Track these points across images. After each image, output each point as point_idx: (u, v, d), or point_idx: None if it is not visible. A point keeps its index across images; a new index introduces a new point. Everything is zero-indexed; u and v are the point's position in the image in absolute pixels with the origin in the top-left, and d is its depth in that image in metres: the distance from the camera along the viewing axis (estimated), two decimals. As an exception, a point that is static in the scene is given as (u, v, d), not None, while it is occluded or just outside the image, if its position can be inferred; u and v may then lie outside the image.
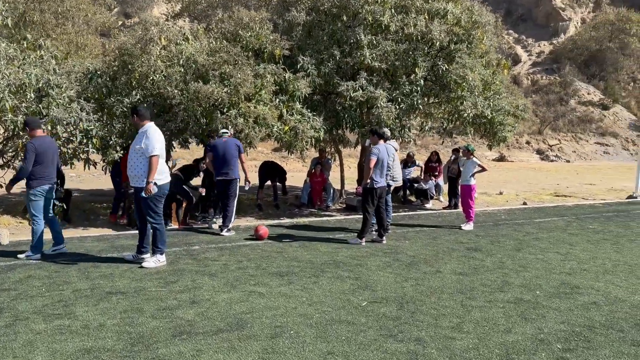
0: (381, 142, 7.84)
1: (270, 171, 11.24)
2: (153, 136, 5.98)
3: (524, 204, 13.06)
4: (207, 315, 4.52)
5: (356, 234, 7.87)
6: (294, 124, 9.05)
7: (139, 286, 5.33)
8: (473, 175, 8.95)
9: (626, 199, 14.39)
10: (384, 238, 7.84)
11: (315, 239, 7.90)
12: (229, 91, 8.58)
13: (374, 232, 8.28)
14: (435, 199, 12.96)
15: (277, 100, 9.31)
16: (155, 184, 5.95)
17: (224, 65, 8.81)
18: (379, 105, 9.55)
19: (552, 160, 30.96)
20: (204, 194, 9.22)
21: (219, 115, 8.59)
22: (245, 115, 8.68)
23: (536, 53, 46.78)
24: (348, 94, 9.56)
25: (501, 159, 29.53)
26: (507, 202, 13.27)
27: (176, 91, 8.51)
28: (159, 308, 4.69)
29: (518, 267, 6.45)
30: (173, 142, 9.81)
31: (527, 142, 33.08)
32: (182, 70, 8.81)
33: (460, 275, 5.98)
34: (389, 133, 8.36)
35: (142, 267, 6.04)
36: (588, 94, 40.95)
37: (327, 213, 10.93)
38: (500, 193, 14.88)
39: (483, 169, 8.97)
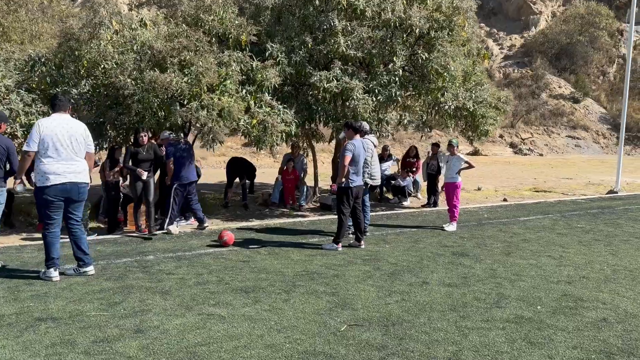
0: (357, 136, 7.12)
1: (239, 168, 10.42)
2: (33, 130, 5.35)
3: (504, 200, 12.54)
4: (153, 349, 3.71)
5: (332, 239, 7.13)
6: (263, 117, 8.24)
7: (76, 309, 4.48)
8: (459, 172, 8.31)
9: (607, 194, 14.03)
10: (362, 242, 7.13)
11: (286, 244, 7.13)
12: (189, 81, 7.72)
13: (350, 236, 7.59)
14: (413, 196, 12.34)
15: (244, 91, 8.48)
16: (23, 182, 5.65)
17: (184, 52, 7.93)
18: (354, 97, 8.81)
19: (525, 154, 30.83)
20: (144, 177, 8.06)
21: (178, 107, 7.72)
22: (208, 108, 7.83)
23: (507, 46, 46.78)
24: (321, 84, 8.79)
25: (475, 152, 29.20)
26: (487, 199, 12.73)
27: (129, 80, 7.60)
28: (95, 339, 3.86)
29: (511, 275, 5.81)
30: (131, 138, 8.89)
31: (500, 136, 32.90)
32: (137, 57, 7.90)
33: (449, 287, 5.30)
34: (367, 127, 7.63)
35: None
36: (559, 87, 41.11)
37: (300, 213, 10.17)
38: (479, 189, 14.37)
39: (470, 166, 8.34)
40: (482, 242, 7.53)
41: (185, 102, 7.89)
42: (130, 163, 7.71)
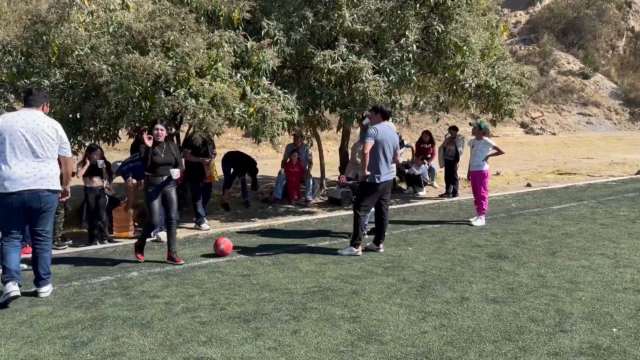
0: (384, 122, 6.09)
1: (237, 163, 9.41)
2: None
3: (528, 185, 11.53)
4: (119, 422, 2.76)
5: (348, 242, 6.13)
6: (261, 104, 7.22)
7: (30, 356, 3.52)
8: (486, 159, 7.30)
9: (636, 174, 12.98)
10: (382, 245, 6.15)
11: (293, 250, 6.16)
12: (174, 64, 6.70)
13: (365, 236, 6.63)
14: (429, 185, 11.33)
15: (238, 75, 7.45)
16: None
17: (167, 32, 6.91)
18: (363, 78, 7.77)
19: (537, 134, 29.71)
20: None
21: (162, 96, 6.71)
22: (197, 95, 6.82)
23: (512, 23, 45.38)
24: (325, 65, 7.75)
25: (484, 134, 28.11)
26: (509, 185, 11.71)
27: (105, 67, 6.59)
28: (46, 405, 2.91)
29: (565, 282, 4.82)
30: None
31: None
32: (113, 39, 6.88)
33: (495, 304, 4.31)
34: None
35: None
36: (568, 63, 39.84)
37: (306, 209, 9.19)
38: (498, 174, 13.32)
39: (499, 152, 7.32)
40: (519, 238, 6.53)
41: (171, 90, 6.88)
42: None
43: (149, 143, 5.72)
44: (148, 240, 6.76)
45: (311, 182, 9.78)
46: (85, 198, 7.21)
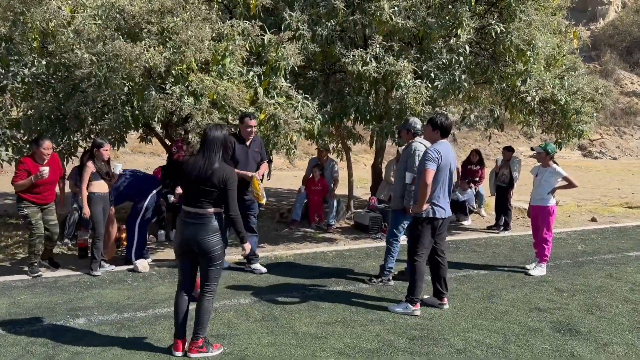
0: (443, 140, 4.69)
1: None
2: None
3: (593, 220, 9.80)
4: None
5: (403, 299, 4.64)
6: (274, 110, 5.93)
7: None
8: (553, 191, 5.76)
9: None
10: (446, 299, 4.76)
11: (294, 297, 4.80)
12: (170, 56, 5.51)
13: (390, 282, 5.25)
14: (475, 212, 9.76)
15: (251, 74, 6.20)
16: None
17: (167, 18, 5.73)
18: (402, 83, 6.38)
19: (596, 157, 27.41)
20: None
21: (153, 93, 5.50)
22: (197, 94, 5.60)
23: (579, 47, 42.90)
24: (354, 68, 6.41)
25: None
26: (570, 218, 10.01)
27: (87, 55, 5.45)
28: None
29: (675, 388, 3.28)
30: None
31: (567, 137, 29.48)
32: (100, 23, 5.74)
33: None
34: (419, 126, 5.21)
35: None
36: (631, 83, 37.16)
37: (327, 235, 7.83)
38: (557, 203, 11.55)
39: (570, 184, 5.77)
40: (593, 301, 4.96)
41: (166, 86, 5.68)
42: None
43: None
44: (125, 267, 5.57)
45: (335, 204, 8.40)
46: (79, 209, 6.08)
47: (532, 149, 6.01)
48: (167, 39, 5.75)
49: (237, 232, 3.53)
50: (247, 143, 5.47)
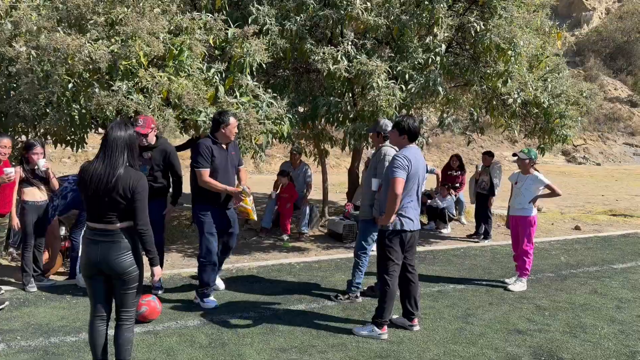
0: (412, 145, 4.23)
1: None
2: None
3: (577, 228, 9.46)
4: None
5: (369, 321, 4.19)
6: (235, 110, 5.45)
7: None
8: (534, 200, 5.35)
9: None
10: (417, 321, 4.31)
11: (248, 319, 4.33)
12: (117, 49, 5.01)
13: (358, 299, 4.81)
14: (455, 220, 9.37)
15: (212, 70, 5.72)
16: None
17: (117, 8, 5.24)
18: (374, 84, 5.95)
19: (580, 163, 27.31)
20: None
21: (97, 90, 4.99)
22: (148, 91, 5.11)
23: (563, 50, 43.05)
24: (324, 66, 5.97)
25: (523, 160, 25.86)
26: (554, 226, 9.66)
27: (24, 49, 4.93)
28: None
29: None
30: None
31: (551, 142, 29.37)
32: (42, 13, 5.23)
33: None
34: (389, 127, 4.77)
35: None
36: (615, 89, 37.37)
37: (298, 244, 7.37)
38: (539, 210, 11.22)
39: (553, 192, 5.36)
40: (577, 320, 4.55)
41: (114, 81, 5.17)
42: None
43: None
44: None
45: (308, 210, 7.94)
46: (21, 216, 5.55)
47: (514, 154, 5.59)
48: (116, 32, 5.26)
49: (146, 252, 2.99)
50: (225, 146, 4.66)
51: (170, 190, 5.08)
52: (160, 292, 4.87)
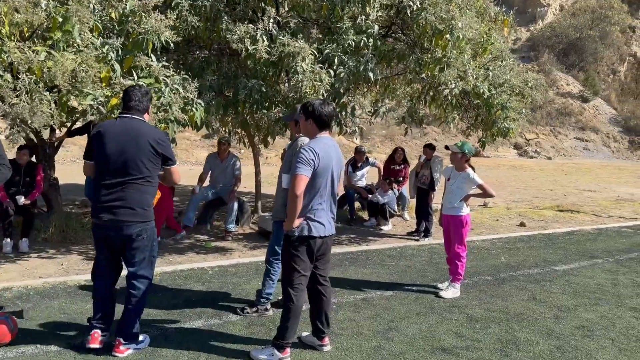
0: (324, 133, 3.58)
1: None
2: None
3: (522, 224, 9.11)
4: None
5: (272, 342, 3.55)
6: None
7: None
8: (466, 199, 4.82)
9: (654, 218, 10.61)
10: (327, 340, 3.69)
11: (139, 352, 3.63)
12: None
13: (268, 312, 4.19)
14: (398, 216, 8.88)
15: (106, 47, 4.94)
16: None
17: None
18: (298, 68, 5.31)
19: (531, 157, 27.52)
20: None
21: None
22: (18, 70, 4.31)
23: (512, 40, 43.42)
24: (241, 46, 5.28)
25: (475, 154, 25.82)
26: (498, 223, 9.28)
27: None
28: None
29: None
30: None
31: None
32: None
33: None
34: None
35: None
36: (567, 84, 38.03)
37: (222, 244, 6.69)
38: (485, 205, 10.90)
39: (486, 193, 4.84)
40: (511, 335, 4.05)
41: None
42: None
43: None
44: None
45: (236, 206, 7.25)
46: None
47: (446, 147, 5.06)
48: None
49: None
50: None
51: None
52: None
